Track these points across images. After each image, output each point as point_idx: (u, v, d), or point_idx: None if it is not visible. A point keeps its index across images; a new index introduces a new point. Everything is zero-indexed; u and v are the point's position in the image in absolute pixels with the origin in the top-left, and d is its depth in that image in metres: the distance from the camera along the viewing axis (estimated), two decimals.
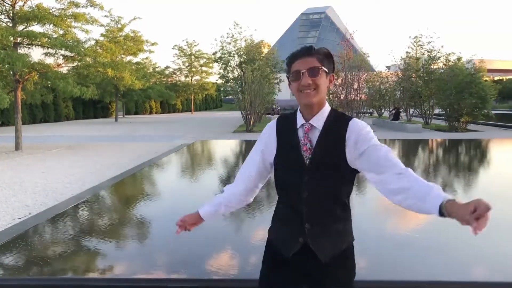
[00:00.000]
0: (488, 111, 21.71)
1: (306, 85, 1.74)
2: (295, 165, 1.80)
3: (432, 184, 1.56)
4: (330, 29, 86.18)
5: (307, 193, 1.78)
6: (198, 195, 6.38)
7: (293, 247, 1.83)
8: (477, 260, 3.39)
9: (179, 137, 18.86)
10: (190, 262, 3.36)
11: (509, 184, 6.86)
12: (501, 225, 4.25)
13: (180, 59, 51.36)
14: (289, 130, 1.86)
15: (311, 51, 1.77)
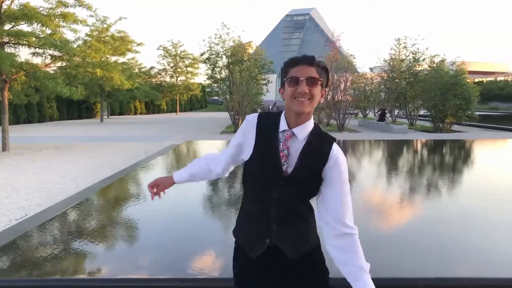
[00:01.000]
0: (472, 112, 22.16)
1: (303, 93, 1.73)
2: (271, 168, 1.79)
3: (365, 267, 1.75)
4: (314, 31, 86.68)
5: (277, 195, 1.79)
6: (192, 194, 6.41)
7: (259, 248, 1.84)
8: (461, 256, 3.51)
9: (167, 138, 18.82)
10: (195, 262, 3.42)
11: (492, 183, 7.06)
12: (485, 223, 4.42)
13: (165, 60, 51.17)
14: (271, 130, 1.82)
15: (313, 61, 1.78)
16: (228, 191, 6.90)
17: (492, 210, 4.98)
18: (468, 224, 4.42)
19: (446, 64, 25.26)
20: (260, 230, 1.85)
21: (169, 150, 12.47)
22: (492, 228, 4.27)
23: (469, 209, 5.09)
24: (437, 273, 3.06)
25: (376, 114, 29.41)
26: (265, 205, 1.82)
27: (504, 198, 5.70)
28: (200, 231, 4.37)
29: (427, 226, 4.27)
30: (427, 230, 4.13)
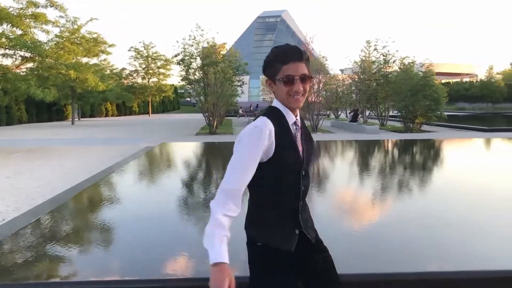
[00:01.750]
0: (440, 113, 22.81)
1: (299, 92, 1.81)
2: (295, 162, 1.87)
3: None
4: (286, 33, 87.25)
5: (303, 188, 1.92)
6: (170, 195, 6.43)
7: (293, 240, 1.92)
8: (435, 252, 3.69)
9: (142, 140, 18.66)
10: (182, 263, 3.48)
11: (462, 180, 7.34)
12: (456, 218, 4.63)
13: (137, 61, 50.64)
14: (285, 129, 1.86)
15: (302, 56, 1.82)
16: (204, 193, 6.94)
17: (462, 206, 5.20)
18: (440, 220, 4.61)
19: (415, 66, 25.92)
20: (290, 223, 1.93)
21: (145, 152, 12.40)
22: (464, 223, 4.48)
23: (439, 206, 5.30)
24: (412, 268, 3.21)
25: (348, 115, 29.89)
26: (295, 199, 1.92)
27: (474, 194, 5.95)
28: (178, 233, 4.42)
29: (399, 223, 4.43)
30: (400, 227, 4.29)
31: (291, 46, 1.86)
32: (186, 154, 12.88)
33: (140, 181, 8.14)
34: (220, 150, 14.59)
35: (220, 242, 1.71)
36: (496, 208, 5.05)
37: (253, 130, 1.80)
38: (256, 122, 1.83)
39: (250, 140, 1.80)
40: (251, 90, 64.80)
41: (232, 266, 1.76)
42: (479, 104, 61.25)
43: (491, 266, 3.31)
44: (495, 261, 3.37)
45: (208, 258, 1.71)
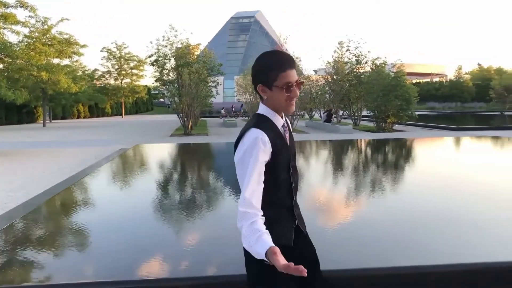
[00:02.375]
0: (412, 112, 23.33)
1: (296, 97, 1.95)
2: (288, 161, 2.03)
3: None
4: (260, 33, 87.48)
5: (294, 184, 2.07)
6: (145, 197, 6.42)
7: (291, 234, 2.05)
8: (408, 247, 3.83)
9: (116, 142, 18.46)
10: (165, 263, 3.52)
11: (433, 178, 7.57)
12: (426, 215, 4.80)
13: (109, 62, 49.98)
14: (277, 133, 1.98)
15: (295, 63, 1.95)
16: (179, 194, 6.96)
17: (433, 203, 5.38)
18: (411, 216, 4.77)
19: (387, 67, 26.42)
20: (289, 220, 2.08)
21: (120, 154, 12.28)
22: (434, 220, 4.64)
23: (410, 203, 5.48)
24: (384, 263, 3.33)
25: (322, 115, 30.23)
26: (289, 196, 2.06)
27: (444, 191, 6.15)
28: (153, 235, 4.44)
29: (372, 220, 4.57)
30: (373, 224, 4.42)
31: (285, 53, 1.95)
32: (161, 156, 12.81)
33: (115, 183, 8.08)
34: (195, 151, 14.56)
35: (258, 237, 1.75)
36: (468, 201, 5.26)
37: (255, 142, 1.88)
38: (252, 133, 1.90)
39: (257, 151, 1.87)
40: (225, 91, 64.75)
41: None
42: (448, 103, 62.72)
43: (462, 260, 3.47)
44: (465, 255, 3.53)
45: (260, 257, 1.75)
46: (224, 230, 4.65)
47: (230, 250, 3.89)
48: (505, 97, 44.17)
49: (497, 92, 44.82)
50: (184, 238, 4.39)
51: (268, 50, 2.09)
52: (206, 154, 13.91)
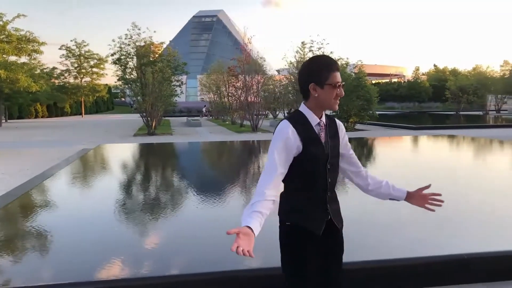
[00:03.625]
0: (373, 112, 23.91)
1: (341, 96, 2.14)
2: (321, 157, 2.15)
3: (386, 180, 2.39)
4: (222, 33, 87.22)
5: (330, 179, 2.20)
6: (109, 198, 6.37)
7: (321, 226, 2.19)
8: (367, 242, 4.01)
9: (78, 142, 18.04)
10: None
11: (395, 174, 7.88)
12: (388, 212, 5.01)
13: (69, 60, 48.64)
14: (308, 128, 2.15)
15: (339, 67, 2.17)
16: (143, 194, 6.93)
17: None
18: (372, 213, 4.96)
19: (348, 67, 26.95)
20: (320, 213, 2.20)
21: (82, 155, 12.06)
22: (396, 215, 4.85)
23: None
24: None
25: (286, 115, 30.50)
26: (322, 191, 2.19)
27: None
28: (116, 235, 4.45)
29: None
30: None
31: (331, 57, 2.19)
32: (125, 156, 12.66)
33: (78, 185, 7.96)
34: (159, 151, 14.46)
35: (248, 214, 1.98)
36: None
37: (281, 132, 2.12)
38: (281, 124, 2.16)
39: (276, 139, 2.12)
40: (188, 90, 64.26)
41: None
42: (407, 103, 64.47)
43: (408, 254, 3.66)
44: (414, 249, 3.72)
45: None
46: (189, 229, 4.69)
47: (194, 249, 3.94)
48: (460, 97, 45.80)
49: (453, 93, 46.42)
50: (148, 238, 4.39)
51: (316, 55, 2.40)
52: (171, 154, 13.84)
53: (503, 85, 44.64)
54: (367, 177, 2.38)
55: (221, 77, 31.75)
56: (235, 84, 27.19)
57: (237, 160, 12.31)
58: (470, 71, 55.68)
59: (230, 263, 3.47)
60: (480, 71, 51.57)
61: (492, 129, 24.45)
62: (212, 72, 35.01)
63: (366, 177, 2.38)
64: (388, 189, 2.38)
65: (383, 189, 2.38)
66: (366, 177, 2.38)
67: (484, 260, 3.62)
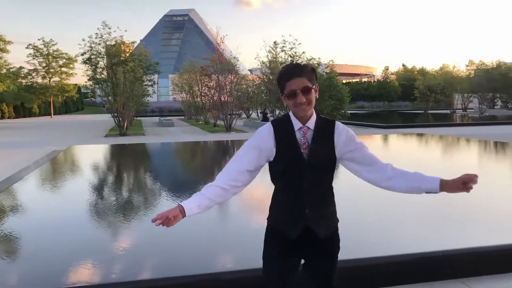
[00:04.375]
0: (345, 111, 24.24)
1: (301, 103, 2.06)
2: (297, 161, 2.10)
3: (416, 172, 2.19)
4: (194, 32, 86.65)
5: (307, 185, 2.12)
6: (81, 201, 6.26)
7: (296, 230, 2.14)
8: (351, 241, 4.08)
9: (48, 143, 17.64)
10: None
11: None
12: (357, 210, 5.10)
13: (36, 59, 47.44)
14: (287, 131, 2.13)
15: (301, 72, 2.08)
16: (115, 197, 6.84)
17: (364, 199, 5.71)
18: (352, 211, 5.04)
19: (320, 67, 27.20)
20: (296, 216, 2.15)
21: (53, 157, 11.80)
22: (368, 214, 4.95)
23: (347, 198, 5.77)
24: None
25: (259, 114, 30.58)
26: (298, 194, 2.14)
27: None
28: (87, 239, 4.39)
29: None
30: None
31: (293, 64, 2.16)
32: (97, 158, 12.46)
33: (49, 188, 7.79)
34: (132, 152, 14.28)
35: (194, 195, 2.06)
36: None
37: (258, 130, 2.19)
38: (266, 124, 2.22)
39: (253, 136, 2.19)
40: (160, 90, 63.57)
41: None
42: (376, 102, 65.47)
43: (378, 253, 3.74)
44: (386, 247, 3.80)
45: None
46: (162, 232, 4.63)
47: (169, 251, 3.91)
48: (428, 96, 46.86)
49: (421, 92, 47.45)
50: (121, 242, 4.33)
51: (286, 64, 2.31)
52: (143, 155, 13.68)
53: (469, 84, 45.88)
54: (390, 169, 2.20)
55: (194, 76, 31.56)
56: (208, 83, 27.07)
57: (211, 161, 12.28)
58: (437, 70, 57.03)
59: (209, 265, 3.47)
60: (447, 71, 52.89)
61: (460, 127, 25.13)
62: (184, 72, 34.76)
63: (386, 170, 2.20)
64: (416, 180, 2.16)
65: (409, 179, 2.17)
66: (385, 170, 2.20)
67: (459, 257, 3.73)
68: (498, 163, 10.25)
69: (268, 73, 30.11)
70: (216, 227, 4.66)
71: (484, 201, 5.50)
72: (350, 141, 2.19)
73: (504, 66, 42.40)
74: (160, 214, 1.91)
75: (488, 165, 9.81)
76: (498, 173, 8.54)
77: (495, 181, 7.29)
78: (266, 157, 2.15)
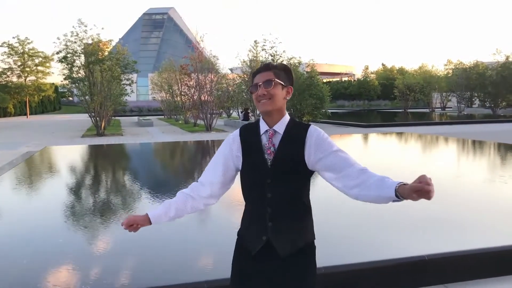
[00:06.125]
0: (325, 110, 24.22)
1: (261, 96, 1.92)
2: (260, 168, 1.94)
3: (384, 176, 1.80)
4: (173, 30, 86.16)
5: (270, 194, 1.92)
6: (56, 204, 6.03)
7: (257, 244, 1.95)
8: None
9: (22, 144, 17.14)
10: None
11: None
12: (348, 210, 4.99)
13: (11, 58, 46.29)
14: (253, 135, 1.99)
15: (269, 67, 1.98)
16: (93, 200, 6.59)
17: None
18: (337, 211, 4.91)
19: (301, 66, 27.15)
20: (257, 229, 1.98)
21: (26, 158, 11.43)
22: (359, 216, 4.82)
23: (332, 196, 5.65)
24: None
25: (240, 114, 30.39)
26: (262, 206, 1.96)
27: None
28: (63, 243, 4.20)
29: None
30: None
31: (264, 63, 2.06)
32: (73, 159, 12.11)
33: (22, 191, 7.50)
34: (109, 152, 13.97)
35: (162, 205, 2.04)
36: None
37: (229, 136, 2.10)
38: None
39: (224, 143, 2.10)
40: (139, 89, 62.85)
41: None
42: (357, 101, 65.90)
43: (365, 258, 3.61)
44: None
45: None
46: (142, 235, 4.45)
47: (149, 258, 3.73)
48: (407, 95, 47.36)
49: (400, 91, 47.94)
50: (98, 247, 4.17)
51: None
52: (121, 156, 13.39)
53: (447, 83, 46.51)
54: (361, 175, 1.85)
55: (173, 75, 31.21)
56: (188, 82, 26.76)
57: (191, 161, 12.06)
58: (416, 70, 57.71)
59: (188, 273, 3.28)
60: (425, 70, 53.56)
61: (439, 126, 25.36)
62: (164, 71, 34.35)
63: (356, 176, 1.85)
64: (377, 188, 1.78)
65: (372, 186, 1.80)
66: (356, 176, 1.85)
67: (444, 261, 3.61)
68: (477, 162, 10.28)
69: (249, 72, 29.97)
70: (199, 233, 4.48)
71: (466, 203, 5.43)
72: (321, 144, 1.91)
73: (481, 65, 43.06)
74: (130, 220, 1.96)
75: (469, 164, 9.82)
76: (479, 172, 8.53)
77: (475, 181, 7.26)
78: (234, 166, 2.05)
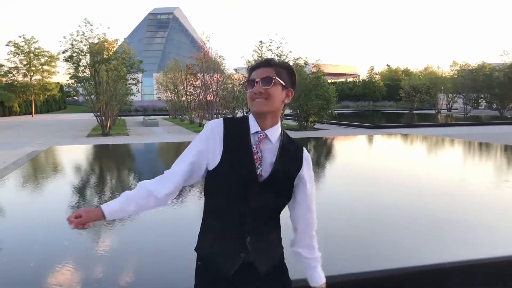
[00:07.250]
0: (331, 111, 24.06)
1: (258, 93, 1.69)
2: (246, 174, 1.68)
3: (319, 258, 1.91)
4: (178, 30, 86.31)
5: (254, 205, 1.70)
6: (61, 204, 5.93)
7: (233, 265, 1.71)
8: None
9: (27, 144, 17.10)
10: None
11: (355, 173, 7.80)
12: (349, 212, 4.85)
13: (17, 57, 46.41)
14: (241, 134, 1.73)
15: (270, 63, 1.75)
16: (98, 200, 6.48)
17: (355, 197, 5.46)
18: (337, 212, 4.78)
19: (307, 67, 27.00)
20: (233, 244, 1.72)
21: (31, 158, 11.36)
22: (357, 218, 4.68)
23: (334, 197, 5.51)
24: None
25: (246, 114, 30.25)
26: (239, 216, 1.71)
27: (365, 185, 6.29)
28: (68, 245, 4.09)
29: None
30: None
31: (267, 58, 1.82)
32: (78, 159, 12.02)
33: (27, 191, 7.41)
34: (115, 152, 13.88)
35: (120, 198, 1.77)
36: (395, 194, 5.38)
37: (206, 126, 1.80)
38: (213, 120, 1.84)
39: (200, 134, 1.80)
40: (144, 89, 62.90)
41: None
42: (362, 102, 65.64)
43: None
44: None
45: None
46: (146, 238, 4.34)
47: (147, 259, 3.63)
48: (413, 96, 47.09)
49: (406, 92, 47.68)
50: (101, 249, 4.06)
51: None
52: (127, 156, 13.29)
53: (453, 84, 46.22)
54: (308, 243, 1.88)
55: (179, 75, 31.15)
56: (194, 82, 26.68)
57: None
58: (422, 71, 57.40)
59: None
60: (431, 71, 53.23)
61: (445, 127, 25.12)
62: (169, 71, 34.30)
63: (305, 243, 1.88)
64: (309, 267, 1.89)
65: (307, 262, 1.89)
66: (304, 243, 1.88)
67: (465, 268, 3.47)
68: (490, 164, 10.11)
69: None
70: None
71: (486, 207, 5.28)
72: (309, 170, 1.85)
73: (488, 67, 42.74)
74: (83, 219, 1.70)
75: (481, 167, 9.66)
76: (491, 176, 8.37)
77: (487, 184, 7.11)
78: (206, 165, 1.75)
